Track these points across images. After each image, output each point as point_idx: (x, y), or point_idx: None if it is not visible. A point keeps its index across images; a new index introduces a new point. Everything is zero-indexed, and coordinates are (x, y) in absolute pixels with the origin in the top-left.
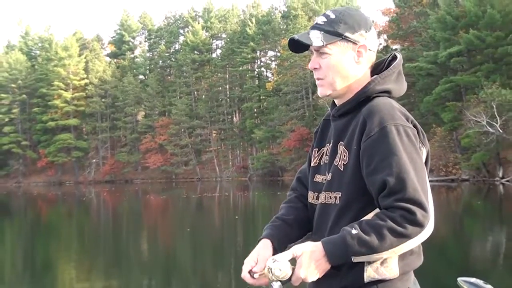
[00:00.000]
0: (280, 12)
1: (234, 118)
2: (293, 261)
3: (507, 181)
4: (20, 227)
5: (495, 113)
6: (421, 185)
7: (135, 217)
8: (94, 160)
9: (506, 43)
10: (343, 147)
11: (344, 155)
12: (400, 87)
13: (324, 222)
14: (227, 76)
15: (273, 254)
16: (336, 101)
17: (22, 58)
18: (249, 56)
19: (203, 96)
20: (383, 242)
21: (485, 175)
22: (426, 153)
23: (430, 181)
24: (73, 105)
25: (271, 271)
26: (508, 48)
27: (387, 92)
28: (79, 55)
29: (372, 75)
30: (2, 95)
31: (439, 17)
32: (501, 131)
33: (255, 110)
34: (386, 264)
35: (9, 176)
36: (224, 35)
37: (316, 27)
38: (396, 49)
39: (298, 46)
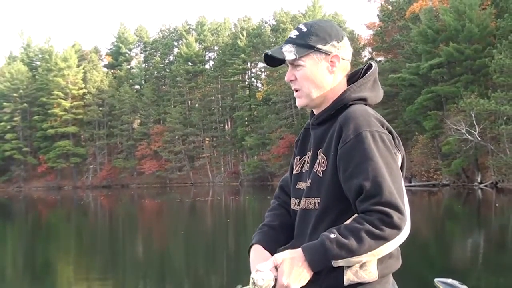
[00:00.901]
0: (270, 26)
1: (226, 126)
2: (276, 270)
3: (485, 186)
4: (20, 229)
5: (474, 122)
6: (397, 188)
7: (131, 220)
8: (92, 166)
9: (483, 56)
10: (322, 154)
11: (323, 162)
12: (376, 94)
13: (305, 227)
14: (219, 86)
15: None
16: (314, 110)
17: (23, 68)
18: (240, 67)
19: (196, 105)
20: (362, 244)
21: (465, 180)
22: (401, 158)
23: (412, 186)
24: (72, 113)
25: (254, 282)
26: (485, 60)
27: (363, 100)
28: (78, 66)
29: (349, 84)
30: (4, 103)
31: (420, 31)
32: (479, 138)
33: (246, 118)
34: (365, 267)
35: (11, 181)
36: (216, 47)
37: (289, 41)
38: (380, 61)
39: (273, 61)
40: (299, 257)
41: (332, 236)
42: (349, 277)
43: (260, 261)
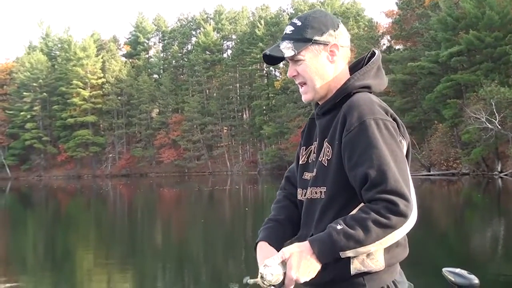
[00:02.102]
0: (288, 14)
1: (244, 115)
2: (284, 264)
3: (505, 174)
4: (41, 217)
5: (494, 110)
6: (402, 176)
7: (150, 209)
8: (111, 155)
9: (504, 43)
10: (327, 143)
11: (328, 151)
12: (380, 82)
13: (311, 216)
14: (237, 75)
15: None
16: (319, 101)
17: (42, 58)
18: (258, 56)
19: (214, 94)
20: (369, 234)
21: (484, 169)
22: (406, 146)
23: (431, 175)
24: (91, 102)
25: (263, 277)
26: (506, 48)
27: (367, 88)
28: (97, 55)
29: (352, 72)
30: (24, 93)
31: (440, 19)
32: (499, 127)
33: (264, 107)
34: (372, 256)
35: (31, 170)
36: (234, 36)
37: (285, 37)
38: (398, 49)
39: (273, 59)
40: (307, 250)
41: (339, 227)
42: (355, 266)
43: (267, 258)
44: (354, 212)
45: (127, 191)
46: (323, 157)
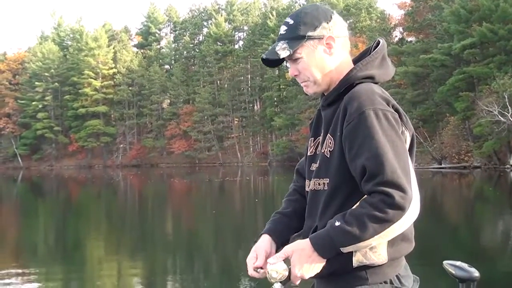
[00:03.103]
0: (300, 5)
1: (255, 106)
2: (288, 261)
3: None
4: (52, 207)
5: (507, 103)
6: (401, 167)
7: (160, 199)
8: (122, 145)
9: None
10: (329, 134)
11: (330, 142)
12: (385, 71)
13: (315, 207)
14: (249, 66)
15: (276, 247)
16: (324, 92)
17: (54, 48)
18: (269, 48)
19: (226, 85)
20: (366, 230)
21: (496, 162)
22: (410, 137)
23: (443, 168)
24: (102, 93)
25: (269, 275)
26: None
27: (370, 78)
28: (108, 46)
29: (357, 62)
30: (36, 83)
31: (453, 11)
32: None
33: (275, 98)
34: (375, 249)
35: (43, 160)
36: (246, 27)
37: (280, 38)
38: (411, 41)
39: (272, 62)
40: (308, 248)
41: (337, 224)
42: (358, 258)
43: (260, 251)
44: (354, 206)
45: (138, 182)
46: (325, 148)
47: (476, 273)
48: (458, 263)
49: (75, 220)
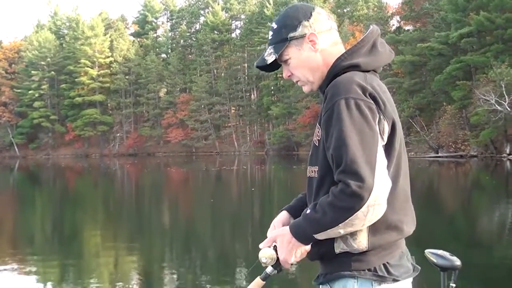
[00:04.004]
0: None
1: (252, 95)
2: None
3: None
4: (49, 196)
5: (504, 92)
6: (366, 156)
7: (157, 188)
8: (118, 134)
9: None
10: (317, 123)
11: (318, 131)
12: (374, 59)
13: (310, 193)
14: (246, 55)
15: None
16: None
17: (51, 37)
18: (266, 36)
19: (222, 74)
20: (328, 218)
21: (493, 151)
22: (390, 124)
23: (439, 157)
24: (99, 81)
25: (260, 260)
26: None
27: (355, 66)
28: (105, 34)
29: None
30: (33, 72)
31: None
32: (509, 109)
33: (272, 87)
34: (355, 236)
35: (39, 149)
36: (243, 16)
37: (268, 43)
38: (408, 30)
39: (268, 67)
40: (288, 234)
41: (308, 212)
42: (339, 244)
43: (277, 224)
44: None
45: (135, 170)
46: (315, 137)
47: (457, 262)
48: (440, 251)
49: (72, 209)
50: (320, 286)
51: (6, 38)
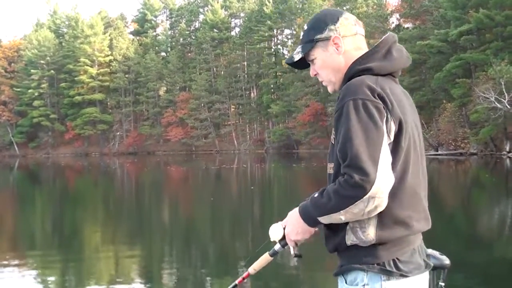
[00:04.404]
0: None
1: (252, 94)
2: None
3: None
4: (49, 194)
5: (503, 90)
6: (369, 151)
7: (157, 186)
8: (118, 133)
9: None
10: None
11: (334, 131)
12: (389, 63)
13: None
14: (245, 53)
15: None
16: None
17: (50, 35)
18: (266, 34)
19: (222, 72)
20: (331, 203)
21: (493, 149)
22: (397, 123)
23: (439, 154)
24: (98, 80)
25: (269, 235)
26: None
27: (368, 70)
28: (104, 33)
29: None
30: (32, 70)
31: None
32: (509, 106)
33: (272, 86)
34: (364, 229)
35: (39, 148)
36: (242, 14)
37: (299, 43)
38: (407, 27)
39: (299, 65)
40: (296, 213)
41: (315, 195)
42: (349, 236)
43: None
44: None
45: (135, 169)
46: (332, 136)
47: (446, 261)
48: (429, 250)
49: (72, 208)
50: (337, 277)
51: (6, 37)
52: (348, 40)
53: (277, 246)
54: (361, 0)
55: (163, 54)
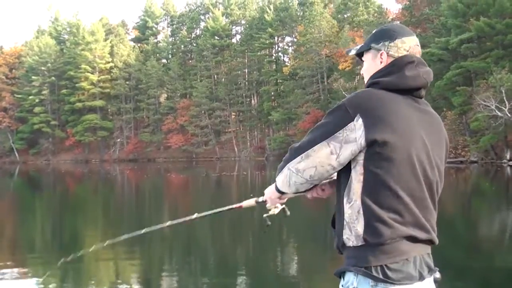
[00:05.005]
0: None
1: (252, 101)
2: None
3: None
4: (49, 201)
5: (504, 98)
6: (309, 138)
7: (157, 194)
8: (119, 140)
9: None
10: None
11: None
12: (396, 80)
13: None
14: (246, 60)
15: None
16: None
17: (51, 42)
18: (267, 42)
19: (223, 80)
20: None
21: (493, 157)
22: (362, 122)
23: None
24: (99, 87)
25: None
26: None
27: (375, 84)
28: (105, 40)
29: None
30: (33, 77)
31: (450, 5)
32: (509, 115)
33: (272, 93)
34: (354, 225)
35: (40, 154)
36: (243, 21)
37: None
38: None
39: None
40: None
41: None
42: (346, 231)
43: None
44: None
45: (135, 176)
46: None
47: (437, 275)
48: None
49: (72, 214)
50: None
51: (7, 43)
52: (391, 60)
53: (261, 198)
54: (362, 8)
55: (164, 61)
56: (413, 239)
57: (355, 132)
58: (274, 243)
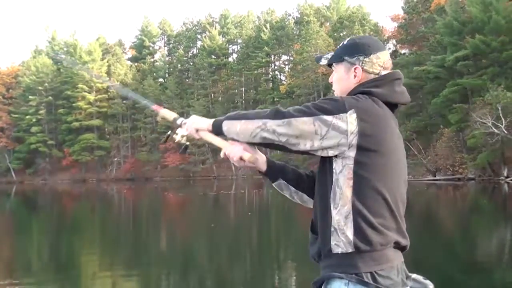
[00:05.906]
0: (294, 18)
1: None
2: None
3: None
4: (46, 221)
5: (500, 115)
6: (295, 109)
7: (155, 214)
8: (116, 159)
9: (510, 48)
10: None
11: None
12: (387, 93)
13: None
14: (243, 79)
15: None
16: None
17: (48, 62)
18: (263, 60)
19: (220, 98)
20: (250, 115)
21: (490, 174)
22: (346, 118)
23: (437, 179)
24: (96, 106)
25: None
26: None
27: (367, 93)
28: (102, 59)
29: None
30: (30, 97)
31: (446, 23)
32: (506, 132)
33: None
34: (343, 231)
35: (36, 174)
36: (240, 40)
37: (335, 51)
38: (404, 53)
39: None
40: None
41: None
42: (334, 237)
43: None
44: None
45: (132, 195)
46: None
47: (430, 286)
48: (414, 275)
49: (69, 235)
50: (315, 286)
51: (4, 63)
52: (366, 75)
53: (181, 120)
54: (358, 26)
55: (161, 80)
56: (397, 246)
57: (346, 125)
58: (272, 260)
